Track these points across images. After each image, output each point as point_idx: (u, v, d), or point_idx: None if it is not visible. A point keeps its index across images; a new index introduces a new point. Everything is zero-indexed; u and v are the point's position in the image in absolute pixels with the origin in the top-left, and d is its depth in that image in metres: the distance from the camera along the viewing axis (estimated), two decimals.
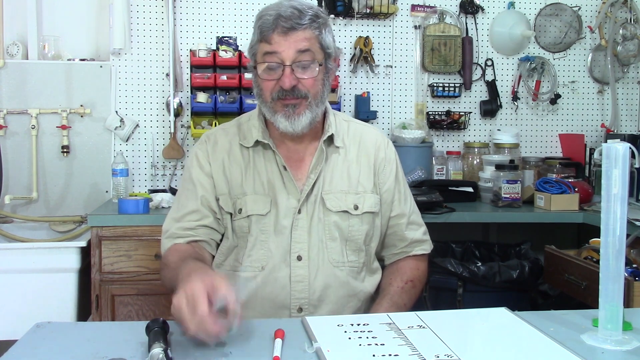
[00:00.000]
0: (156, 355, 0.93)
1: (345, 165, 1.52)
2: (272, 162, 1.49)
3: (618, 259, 1.05)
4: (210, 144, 1.53)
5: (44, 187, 2.88)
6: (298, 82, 1.39)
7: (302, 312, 1.42)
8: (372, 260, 1.56)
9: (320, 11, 1.42)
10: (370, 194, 1.52)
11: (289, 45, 1.36)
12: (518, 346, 1.05)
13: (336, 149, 1.52)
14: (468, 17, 3.18)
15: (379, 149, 1.57)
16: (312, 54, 1.39)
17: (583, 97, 3.32)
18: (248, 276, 1.44)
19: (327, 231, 1.46)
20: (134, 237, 2.37)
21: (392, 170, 1.57)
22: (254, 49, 1.43)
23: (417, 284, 1.56)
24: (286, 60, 1.37)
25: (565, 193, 2.60)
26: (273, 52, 1.37)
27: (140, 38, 2.95)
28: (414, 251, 1.60)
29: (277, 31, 1.36)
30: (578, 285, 1.99)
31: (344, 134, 1.55)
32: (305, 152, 1.51)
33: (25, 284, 2.37)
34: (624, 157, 1.03)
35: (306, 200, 1.46)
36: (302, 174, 1.49)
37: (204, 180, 1.49)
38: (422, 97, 3.17)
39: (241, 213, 1.46)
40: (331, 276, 1.45)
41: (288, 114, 1.40)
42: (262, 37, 1.39)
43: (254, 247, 1.45)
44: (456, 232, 2.92)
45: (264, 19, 1.38)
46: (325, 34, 1.42)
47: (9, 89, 2.83)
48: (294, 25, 1.36)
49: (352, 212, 1.48)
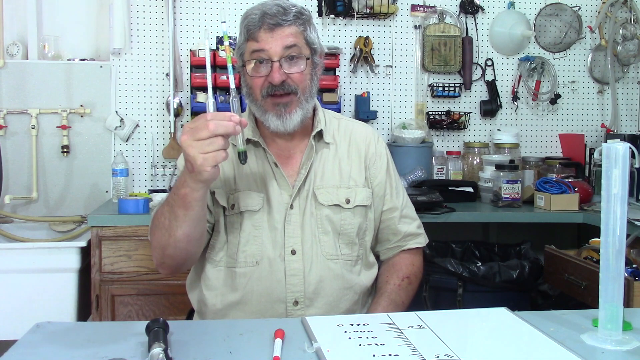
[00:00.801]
0: (156, 355, 0.93)
1: (336, 161, 1.54)
2: (263, 159, 1.51)
3: (618, 259, 1.05)
4: None
5: (44, 187, 2.88)
6: (287, 77, 1.41)
7: (298, 306, 1.43)
8: (367, 254, 1.57)
9: (303, 8, 1.46)
10: (362, 187, 1.54)
11: (275, 42, 1.39)
12: (518, 346, 1.05)
13: (326, 145, 1.54)
14: (468, 17, 3.18)
15: (369, 144, 1.59)
16: (299, 49, 1.42)
17: (583, 97, 3.32)
18: (243, 272, 1.45)
19: (320, 225, 1.48)
20: (134, 237, 2.37)
21: (383, 164, 1.59)
22: (241, 48, 1.46)
23: (413, 280, 1.58)
24: (274, 56, 1.40)
25: (565, 193, 2.60)
26: (260, 49, 1.40)
27: (140, 38, 2.95)
28: (408, 245, 1.61)
29: (264, 28, 1.40)
30: (578, 285, 1.99)
31: (334, 130, 1.58)
32: (295, 149, 1.53)
33: (25, 284, 2.37)
34: (624, 157, 1.03)
35: (298, 195, 1.48)
36: (293, 170, 1.51)
37: None
38: (422, 97, 3.17)
39: (234, 209, 1.47)
40: (325, 269, 1.46)
41: (279, 113, 1.43)
42: (249, 35, 1.42)
43: (247, 242, 1.46)
44: (456, 232, 2.92)
45: (250, 18, 1.42)
46: (309, 30, 1.46)
47: (9, 89, 2.83)
48: (279, 22, 1.40)
49: (344, 205, 1.50)
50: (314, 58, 1.48)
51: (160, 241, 1.35)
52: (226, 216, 1.48)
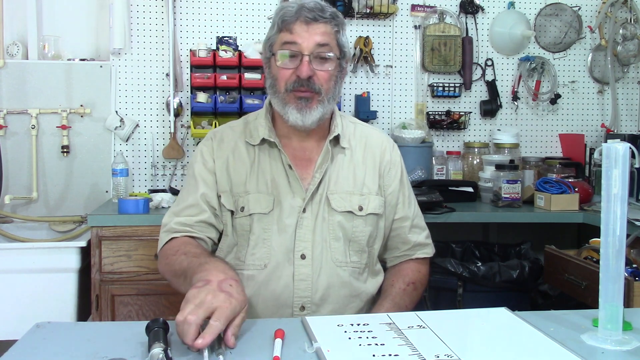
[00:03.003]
0: (156, 355, 0.93)
1: (351, 166, 1.53)
2: (277, 160, 1.49)
3: (618, 259, 1.05)
4: (217, 141, 1.54)
5: (44, 187, 2.88)
6: (314, 75, 1.40)
7: (305, 311, 1.42)
8: (374, 262, 1.56)
9: (338, 12, 1.46)
10: (375, 195, 1.52)
11: (309, 36, 1.39)
12: (518, 346, 1.05)
13: (342, 150, 1.53)
14: (468, 17, 3.18)
15: (384, 152, 1.57)
16: (330, 48, 1.42)
17: (583, 97, 3.32)
18: (251, 274, 1.44)
19: (331, 231, 1.46)
20: (134, 237, 2.37)
21: (397, 173, 1.58)
22: (271, 39, 1.45)
23: (418, 287, 1.57)
24: (305, 50, 1.39)
25: (565, 193, 2.60)
26: (293, 41, 1.40)
27: (140, 38, 2.95)
28: (416, 254, 1.60)
29: (300, 20, 1.40)
30: (578, 285, 1.99)
31: (350, 135, 1.56)
32: (311, 152, 1.51)
33: (25, 284, 2.37)
34: (624, 157, 1.03)
35: (311, 200, 1.46)
36: (308, 173, 1.49)
37: (206, 176, 1.50)
38: (422, 97, 3.17)
39: (243, 211, 1.46)
40: (334, 276, 1.45)
41: (300, 106, 1.42)
42: (283, 26, 1.41)
43: (256, 245, 1.45)
44: (456, 232, 2.92)
45: (286, 9, 1.42)
46: (342, 33, 1.46)
47: (9, 89, 2.83)
48: (317, 17, 1.40)
49: (357, 213, 1.49)
50: (342, 62, 1.47)
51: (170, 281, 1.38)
52: (235, 218, 1.48)
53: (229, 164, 1.50)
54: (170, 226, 1.48)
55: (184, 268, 1.30)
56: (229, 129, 1.57)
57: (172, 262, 1.37)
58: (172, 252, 1.40)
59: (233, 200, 1.48)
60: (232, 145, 1.52)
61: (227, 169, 1.50)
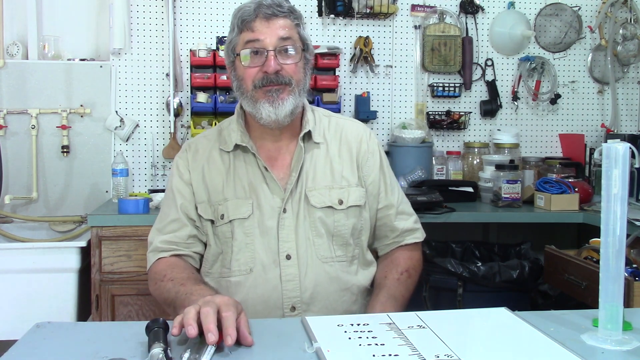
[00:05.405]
0: (156, 355, 0.93)
1: (327, 161, 1.52)
2: (253, 164, 1.49)
3: (618, 259, 1.05)
4: (191, 152, 1.54)
5: (44, 187, 2.88)
6: (281, 69, 1.41)
7: (295, 311, 1.42)
8: (364, 253, 1.55)
9: (295, 7, 1.48)
10: (355, 187, 1.52)
11: (271, 32, 1.40)
12: (518, 346, 1.05)
13: (316, 145, 1.52)
14: (468, 17, 3.18)
15: (361, 142, 1.56)
16: (293, 41, 1.43)
17: (583, 97, 3.32)
18: (238, 280, 1.44)
19: (313, 228, 1.46)
20: (134, 237, 2.37)
21: (376, 161, 1.57)
22: (233, 42, 1.46)
23: (412, 274, 1.56)
24: (269, 46, 1.40)
25: (565, 193, 2.60)
26: (255, 39, 1.40)
27: (140, 38, 2.95)
28: (406, 240, 1.60)
29: (259, 17, 1.40)
30: (578, 285, 1.99)
31: (325, 129, 1.55)
32: (285, 151, 1.51)
33: (25, 284, 2.37)
34: (624, 157, 1.03)
35: (291, 199, 1.46)
36: (284, 173, 1.49)
37: (182, 188, 1.51)
38: (422, 97, 3.17)
39: (223, 219, 1.46)
40: (321, 273, 1.45)
41: (272, 99, 1.41)
42: (243, 26, 1.42)
43: (240, 250, 1.45)
44: (456, 232, 2.92)
45: (244, 10, 1.43)
46: (302, 27, 1.47)
47: (9, 89, 2.83)
48: (275, 12, 1.41)
49: (337, 207, 1.48)
50: (306, 54, 1.47)
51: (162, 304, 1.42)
52: (216, 227, 1.48)
53: (205, 173, 1.51)
54: (155, 245, 1.49)
55: (172, 298, 1.34)
56: (203, 138, 1.57)
57: (160, 288, 1.40)
58: (160, 277, 1.42)
59: (212, 210, 1.48)
60: (206, 155, 1.52)
61: (203, 179, 1.50)
